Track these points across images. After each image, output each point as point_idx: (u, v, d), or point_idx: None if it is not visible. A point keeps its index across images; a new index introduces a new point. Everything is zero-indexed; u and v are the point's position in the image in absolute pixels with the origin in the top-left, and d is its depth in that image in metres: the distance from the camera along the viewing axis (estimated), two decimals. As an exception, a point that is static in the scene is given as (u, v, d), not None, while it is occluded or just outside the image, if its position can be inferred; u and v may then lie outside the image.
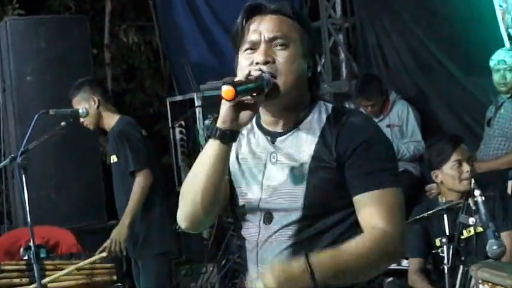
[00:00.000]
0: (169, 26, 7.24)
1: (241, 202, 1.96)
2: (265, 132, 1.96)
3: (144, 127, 4.98)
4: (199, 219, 1.92)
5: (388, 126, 5.85)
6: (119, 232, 4.39)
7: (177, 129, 6.42)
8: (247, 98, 1.80)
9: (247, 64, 1.89)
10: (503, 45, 5.08)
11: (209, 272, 5.51)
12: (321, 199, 1.87)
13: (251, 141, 1.97)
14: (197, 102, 5.95)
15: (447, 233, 3.28)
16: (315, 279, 1.74)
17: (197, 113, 5.95)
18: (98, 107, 4.53)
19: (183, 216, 1.94)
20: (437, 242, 3.55)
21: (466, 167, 3.62)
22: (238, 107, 1.80)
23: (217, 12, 7.03)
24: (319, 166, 1.86)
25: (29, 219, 3.78)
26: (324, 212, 1.88)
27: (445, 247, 3.22)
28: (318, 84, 2.00)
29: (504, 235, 3.60)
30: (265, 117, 1.94)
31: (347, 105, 7.29)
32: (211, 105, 5.78)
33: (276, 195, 1.90)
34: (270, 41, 1.88)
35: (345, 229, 1.89)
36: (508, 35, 5.18)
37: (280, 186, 1.89)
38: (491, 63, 4.71)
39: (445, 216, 3.36)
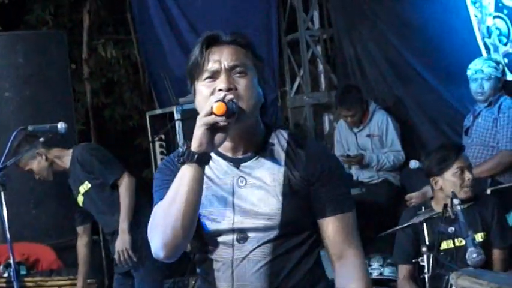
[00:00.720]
0: (148, 39, 7.24)
1: (209, 225, 2.01)
2: (226, 158, 2.04)
3: (124, 141, 4.97)
4: (179, 244, 1.94)
5: (368, 136, 5.88)
6: (122, 241, 4.32)
7: (157, 143, 6.40)
8: (222, 120, 1.88)
9: (209, 92, 1.96)
10: (480, 55, 5.13)
11: (192, 285, 5.49)
12: (295, 218, 2.00)
13: (212, 167, 2.03)
14: (177, 116, 5.93)
15: (427, 242, 3.29)
16: None
17: (177, 126, 5.93)
18: (46, 158, 4.48)
19: (161, 245, 1.95)
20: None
21: (468, 175, 3.67)
22: (212, 130, 1.88)
23: (193, 23, 7.04)
24: (291, 188, 1.99)
25: (8, 236, 3.75)
26: (297, 230, 2.02)
27: (425, 256, 3.23)
28: (267, 111, 2.11)
29: (497, 252, 3.70)
30: (225, 143, 1.98)
31: (327, 117, 7.34)
32: (191, 118, 5.77)
33: (250, 216, 1.99)
34: (230, 69, 1.97)
35: (312, 242, 2.06)
36: (484, 44, 5.23)
37: (255, 207, 1.99)
38: (469, 73, 4.75)
39: (425, 225, 3.38)
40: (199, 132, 1.87)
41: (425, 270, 3.19)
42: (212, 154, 1.98)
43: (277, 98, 7.16)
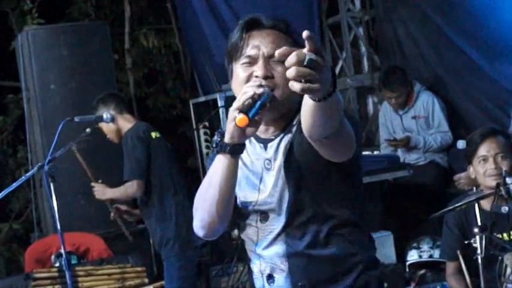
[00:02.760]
0: (190, 26, 7.23)
1: (240, 207, 2.12)
2: (258, 139, 2.09)
3: (168, 130, 5.01)
4: (215, 226, 2.06)
5: (414, 117, 5.82)
6: (103, 192, 4.63)
7: (201, 131, 6.41)
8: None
9: (246, 76, 2.00)
10: (526, 30, 5.03)
11: (240, 272, 5.51)
12: (302, 194, 2.01)
13: (248, 149, 2.08)
14: (220, 103, 5.92)
15: (479, 223, 3.22)
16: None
17: (221, 113, 5.92)
18: (112, 120, 4.63)
19: (200, 226, 2.08)
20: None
21: (490, 164, 3.49)
22: None
23: (235, 10, 7.01)
24: (292, 166, 2.00)
25: (58, 227, 3.80)
26: (306, 205, 2.02)
27: (477, 237, 3.16)
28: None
29: None
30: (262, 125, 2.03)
31: (371, 99, 7.26)
32: (235, 104, 5.77)
33: (269, 197, 2.05)
34: (269, 57, 1.98)
35: (325, 215, 2.03)
36: (531, 19, 5.12)
37: (271, 189, 2.05)
38: (516, 49, 4.66)
39: (476, 206, 3.31)
40: (230, 126, 1.89)
41: (478, 251, 3.12)
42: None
43: (319, 82, 7.08)
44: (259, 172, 2.07)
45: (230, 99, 5.87)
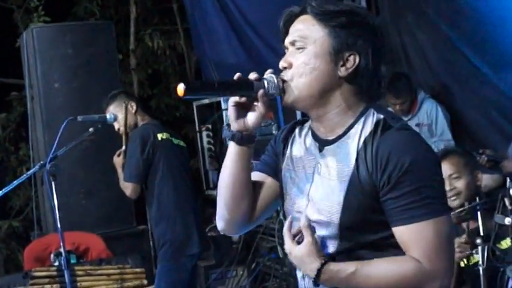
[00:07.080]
0: (200, 27, 7.20)
1: (286, 209, 1.98)
2: (315, 138, 1.92)
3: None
4: (231, 222, 1.99)
5: (417, 125, 5.79)
6: (118, 163, 4.68)
7: (204, 133, 6.40)
8: (245, 99, 1.86)
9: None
10: (533, 40, 5.00)
11: (239, 276, 5.50)
12: (357, 220, 1.78)
13: (302, 147, 1.95)
14: (224, 105, 5.91)
15: (481, 233, 3.20)
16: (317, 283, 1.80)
17: (224, 115, 5.91)
18: (135, 112, 4.63)
19: (217, 217, 2.02)
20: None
21: (446, 186, 3.41)
22: (238, 108, 1.87)
23: (243, 12, 6.99)
24: (357, 185, 1.77)
25: (59, 225, 3.78)
26: (361, 231, 1.79)
27: (479, 248, 3.14)
28: (361, 83, 1.86)
29: None
30: (312, 122, 1.93)
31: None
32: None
33: (316, 209, 1.85)
34: (292, 44, 1.87)
35: (382, 244, 1.80)
36: (538, 29, 5.10)
37: (321, 201, 1.84)
38: (522, 59, 4.64)
39: (479, 214, 3.28)
40: (229, 110, 1.89)
41: (480, 262, 3.10)
42: (309, 132, 1.95)
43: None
44: (310, 175, 1.88)
45: (234, 102, 5.87)
